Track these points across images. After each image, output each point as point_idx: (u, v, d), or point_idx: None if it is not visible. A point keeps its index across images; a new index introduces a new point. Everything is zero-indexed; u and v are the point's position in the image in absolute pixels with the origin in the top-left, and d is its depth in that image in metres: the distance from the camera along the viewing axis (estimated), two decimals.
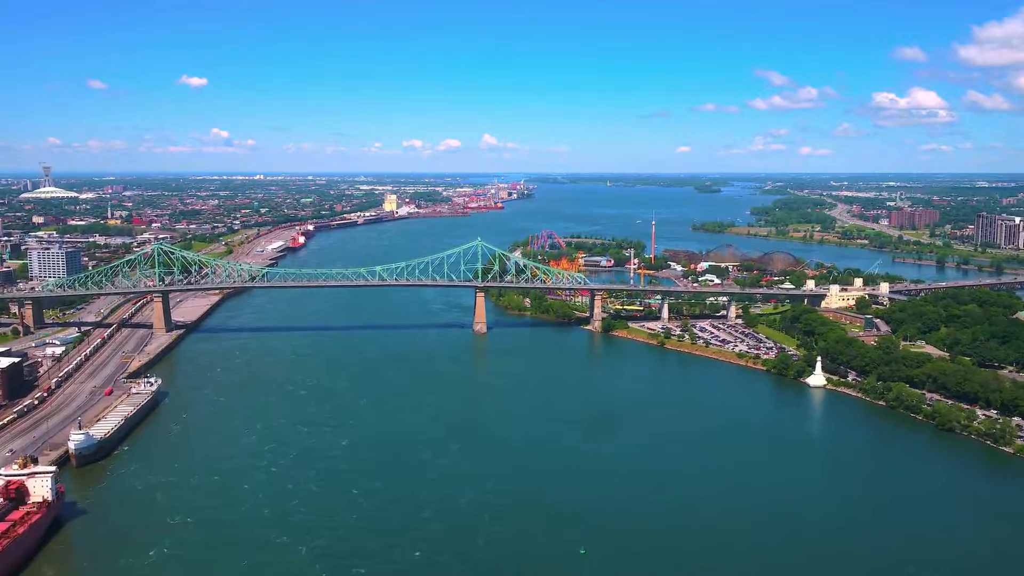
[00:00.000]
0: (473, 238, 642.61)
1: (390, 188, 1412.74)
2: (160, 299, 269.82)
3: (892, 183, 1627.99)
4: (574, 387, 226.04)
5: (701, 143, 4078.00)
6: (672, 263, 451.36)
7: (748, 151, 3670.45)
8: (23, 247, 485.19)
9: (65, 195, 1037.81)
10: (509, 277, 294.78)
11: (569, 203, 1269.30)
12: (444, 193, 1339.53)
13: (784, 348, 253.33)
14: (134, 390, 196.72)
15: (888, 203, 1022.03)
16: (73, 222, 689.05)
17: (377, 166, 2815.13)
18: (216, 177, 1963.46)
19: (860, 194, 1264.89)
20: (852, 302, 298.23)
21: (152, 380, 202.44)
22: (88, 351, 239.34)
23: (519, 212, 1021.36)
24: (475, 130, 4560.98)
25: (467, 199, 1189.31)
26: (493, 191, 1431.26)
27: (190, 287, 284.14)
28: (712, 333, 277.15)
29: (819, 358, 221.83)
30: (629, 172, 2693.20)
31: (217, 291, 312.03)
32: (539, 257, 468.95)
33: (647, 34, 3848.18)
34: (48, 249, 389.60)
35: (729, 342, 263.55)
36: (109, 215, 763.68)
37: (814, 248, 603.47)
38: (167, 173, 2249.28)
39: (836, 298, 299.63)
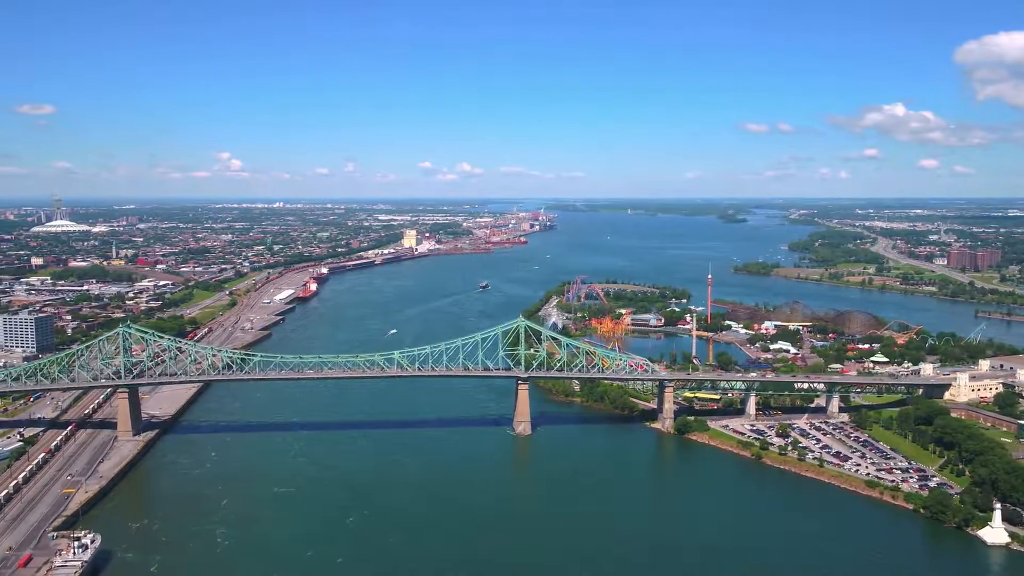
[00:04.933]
0: (499, 279, 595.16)
1: (409, 218, 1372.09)
2: (126, 395, 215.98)
3: (919, 211, 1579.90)
4: (649, 539, 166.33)
5: (717, 168, 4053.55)
6: (732, 322, 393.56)
7: (764, 176, 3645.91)
8: (6, 300, 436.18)
9: (76, 228, 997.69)
10: (559, 365, 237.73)
11: (594, 234, 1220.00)
12: (464, 224, 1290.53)
13: (924, 470, 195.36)
14: (58, 562, 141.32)
15: (931, 235, 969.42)
16: (74, 263, 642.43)
17: (396, 192, 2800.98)
18: (235, 205, 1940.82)
19: (894, 225, 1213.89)
20: (989, 395, 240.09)
21: (88, 539, 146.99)
22: (24, 475, 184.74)
23: (545, 247, 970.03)
24: (494, 156, 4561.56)
25: (489, 232, 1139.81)
26: (514, 222, 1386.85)
27: (162, 380, 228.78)
28: (818, 440, 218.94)
29: (998, 504, 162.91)
30: (645, 197, 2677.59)
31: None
32: (578, 313, 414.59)
33: (663, 59, 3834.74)
34: (15, 314, 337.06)
35: (847, 457, 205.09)
36: (114, 254, 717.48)
37: (876, 296, 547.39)
38: (186, 200, 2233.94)
39: (966, 389, 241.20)
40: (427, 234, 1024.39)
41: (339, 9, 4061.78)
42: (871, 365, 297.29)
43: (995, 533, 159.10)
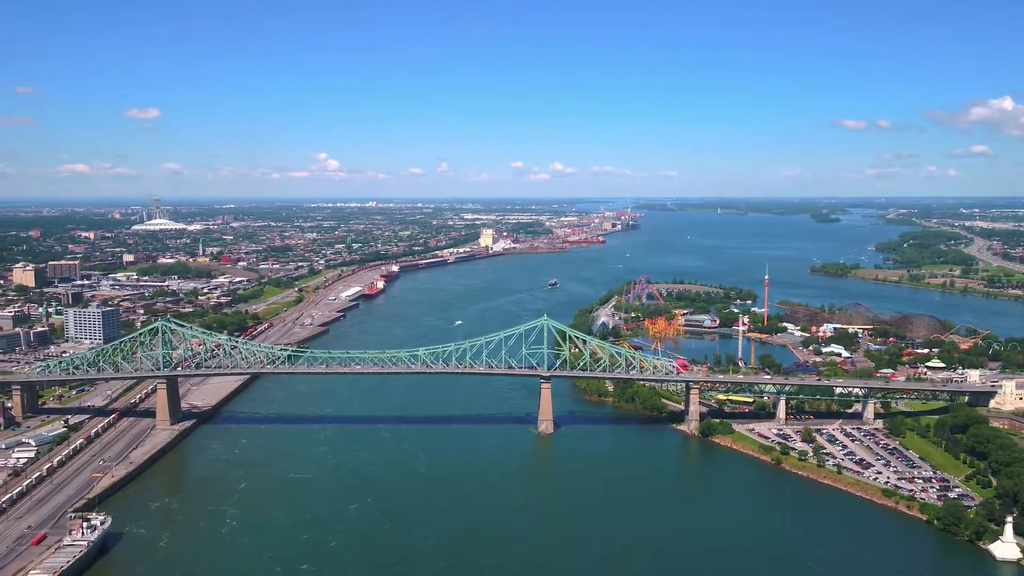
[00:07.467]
0: (569, 278, 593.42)
1: (494, 217, 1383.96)
2: (165, 386, 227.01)
3: None
4: (647, 541, 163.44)
5: (814, 166, 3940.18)
6: (789, 324, 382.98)
7: (865, 175, 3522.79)
8: (89, 294, 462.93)
9: (172, 227, 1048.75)
10: (582, 364, 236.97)
11: (677, 234, 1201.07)
12: (547, 224, 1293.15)
13: (948, 480, 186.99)
14: (67, 541, 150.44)
15: None
16: (162, 260, 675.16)
17: (488, 191, 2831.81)
18: (329, 205, 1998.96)
19: (996, 225, 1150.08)
20: None
21: (97, 520, 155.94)
22: (59, 459, 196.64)
23: (624, 246, 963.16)
24: (586, 155, 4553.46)
25: (568, 231, 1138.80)
26: (597, 221, 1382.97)
27: (197, 372, 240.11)
28: (844, 446, 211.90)
29: (1010, 517, 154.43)
30: (738, 196, 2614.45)
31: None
32: (633, 314, 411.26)
33: (756, 56, 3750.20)
34: (86, 308, 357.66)
35: (869, 464, 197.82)
36: (200, 251, 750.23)
37: (957, 299, 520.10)
38: (283, 199, 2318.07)
39: (1012, 397, 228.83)
40: (505, 233, 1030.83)
41: (431, 10, 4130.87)
42: (925, 371, 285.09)
43: (1006, 548, 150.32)
